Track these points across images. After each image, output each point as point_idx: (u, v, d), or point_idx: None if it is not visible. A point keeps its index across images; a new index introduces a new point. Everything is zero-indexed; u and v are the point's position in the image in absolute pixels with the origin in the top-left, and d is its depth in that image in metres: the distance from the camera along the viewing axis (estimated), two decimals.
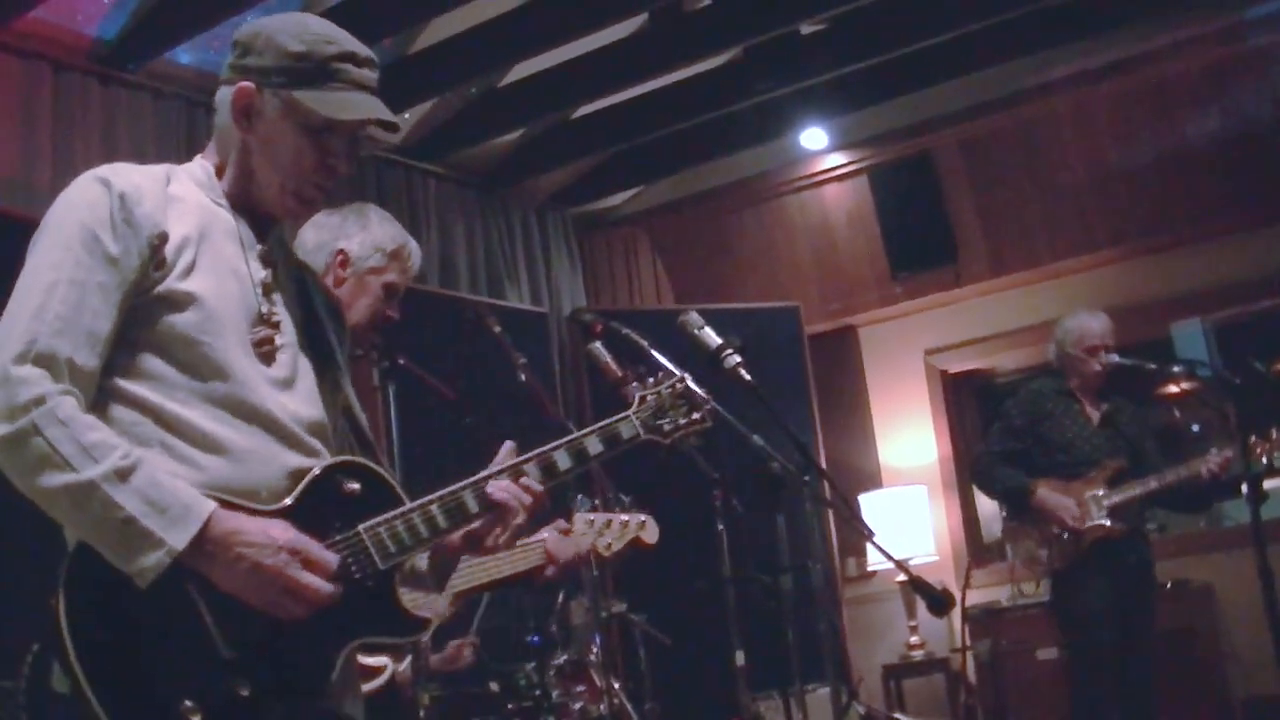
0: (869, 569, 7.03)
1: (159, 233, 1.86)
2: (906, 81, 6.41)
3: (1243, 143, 6.17)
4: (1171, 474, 4.88)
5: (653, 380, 2.25)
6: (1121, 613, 4.85)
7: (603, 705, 3.99)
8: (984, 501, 6.92)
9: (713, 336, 2.83)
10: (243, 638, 1.77)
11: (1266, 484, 4.68)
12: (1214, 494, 5.21)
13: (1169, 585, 5.73)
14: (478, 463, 2.08)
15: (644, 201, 7.75)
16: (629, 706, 4.09)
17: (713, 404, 2.29)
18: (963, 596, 5.99)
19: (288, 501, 1.87)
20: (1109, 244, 6.63)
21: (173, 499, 1.74)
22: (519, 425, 2.32)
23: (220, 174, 2.01)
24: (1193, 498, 5.06)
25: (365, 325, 2.92)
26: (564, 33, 5.66)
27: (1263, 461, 4.65)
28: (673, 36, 6.06)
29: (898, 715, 6.25)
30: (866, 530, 3.31)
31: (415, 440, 3.27)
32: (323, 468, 1.93)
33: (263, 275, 1.98)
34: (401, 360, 3.25)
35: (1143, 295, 6.56)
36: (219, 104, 2.00)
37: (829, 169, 7.17)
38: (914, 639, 6.72)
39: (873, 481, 7.21)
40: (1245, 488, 4.54)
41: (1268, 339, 6.48)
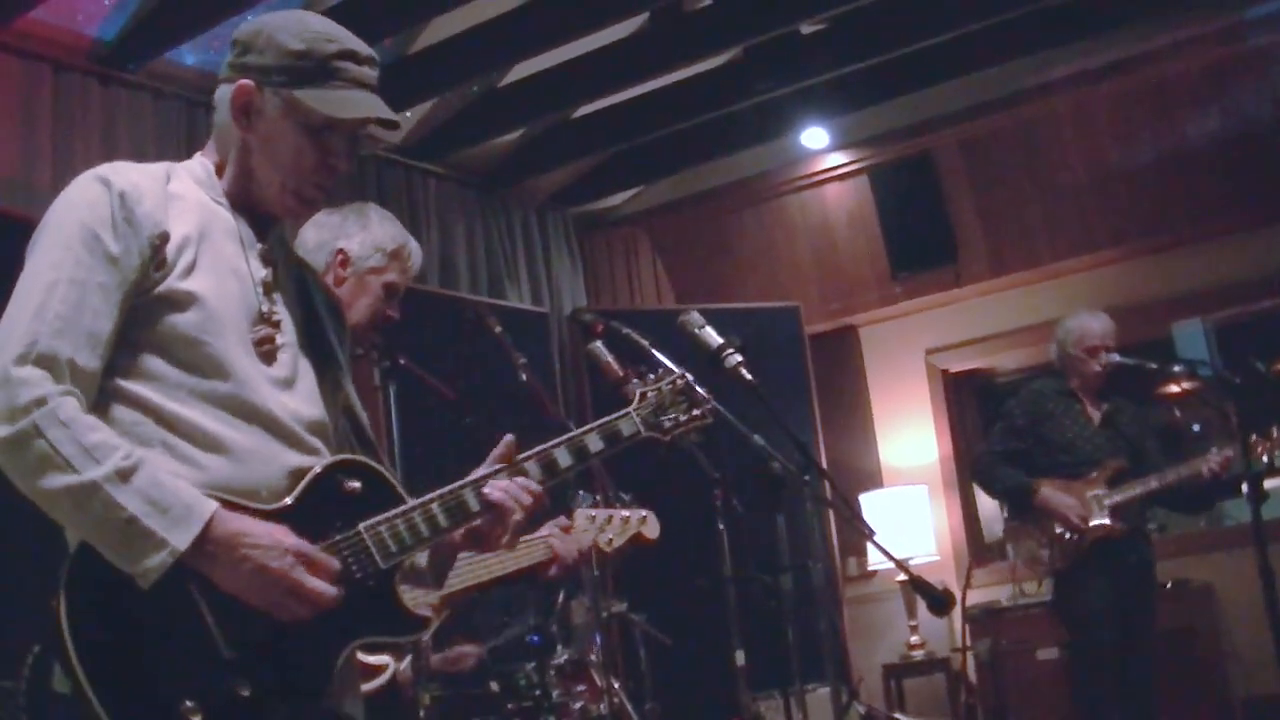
0: (869, 568, 7.03)
1: (160, 232, 1.85)
2: (907, 81, 6.41)
3: (1243, 143, 6.17)
4: (1172, 473, 4.89)
5: (653, 377, 2.25)
6: (1122, 612, 4.85)
7: (603, 705, 3.99)
8: (984, 501, 6.92)
9: (713, 336, 2.83)
10: (244, 638, 1.77)
11: (1267, 483, 4.68)
12: (1215, 493, 5.22)
13: (1169, 585, 5.73)
14: (478, 463, 2.08)
15: (644, 201, 7.75)
16: (629, 706, 4.09)
17: (713, 403, 2.28)
18: (963, 596, 6.00)
19: (288, 501, 1.86)
20: (1109, 244, 6.63)
21: (175, 499, 1.74)
22: (519, 425, 2.31)
23: (220, 172, 2.00)
24: (1194, 498, 5.07)
25: (365, 325, 2.92)
26: (564, 32, 5.65)
27: (1263, 461, 4.66)
28: (673, 36, 6.05)
29: (898, 715, 6.24)
30: (867, 530, 3.31)
31: (416, 440, 3.26)
32: (323, 466, 1.92)
33: (263, 274, 1.98)
34: (402, 360, 3.25)
35: (1143, 295, 6.56)
36: (218, 102, 1.99)
37: (829, 169, 7.17)
38: (914, 639, 6.71)
39: (873, 481, 7.21)
40: (1246, 487, 4.55)
41: (1268, 339, 6.48)
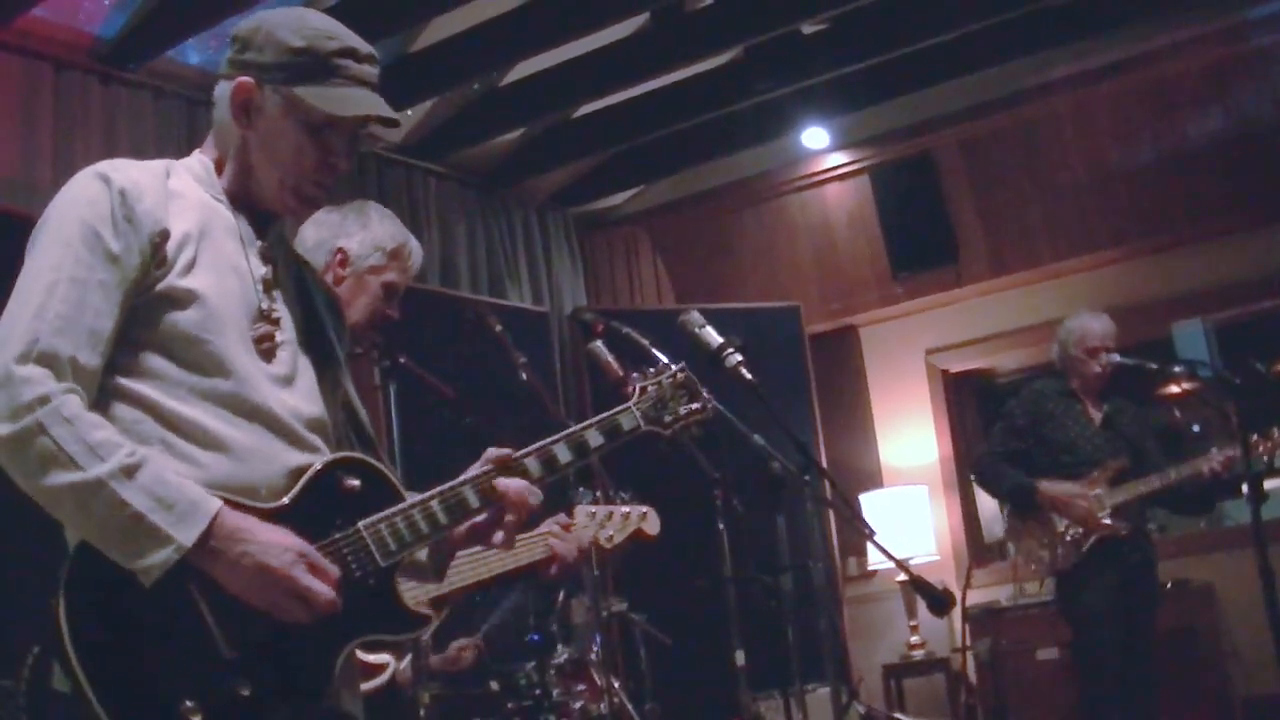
0: (870, 568, 7.03)
1: (160, 230, 1.85)
2: (907, 81, 6.41)
3: (1243, 143, 6.17)
4: (1174, 473, 4.89)
5: (653, 371, 2.24)
6: (1125, 612, 4.85)
7: (603, 704, 3.99)
8: (984, 501, 6.92)
9: (714, 336, 2.83)
10: (244, 638, 1.76)
11: (1267, 484, 4.68)
12: (1216, 494, 5.22)
13: (1169, 585, 5.72)
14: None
15: (645, 201, 7.75)
16: (629, 706, 4.09)
17: (714, 402, 2.28)
18: (963, 596, 5.99)
19: (285, 501, 1.86)
20: (1109, 244, 6.62)
21: (180, 496, 1.74)
22: (520, 425, 2.32)
23: (219, 169, 2.00)
24: (1195, 498, 5.07)
25: (365, 324, 2.90)
26: (565, 32, 5.65)
27: (1263, 461, 4.65)
28: (674, 36, 6.05)
29: (898, 715, 6.24)
30: (867, 529, 3.30)
31: (416, 439, 3.26)
32: (323, 464, 1.91)
33: (263, 272, 1.97)
34: (402, 359, 3.25)
35: (1143, 295, 6.55)
36: (218, 99, 1.99)
37: (830, 169, 7.18)
38: (914, 639, 6.71)
39: (873, 481, 7.21)
40: (1246, 487, 4.54)
41: (1268, 339, 6.48)
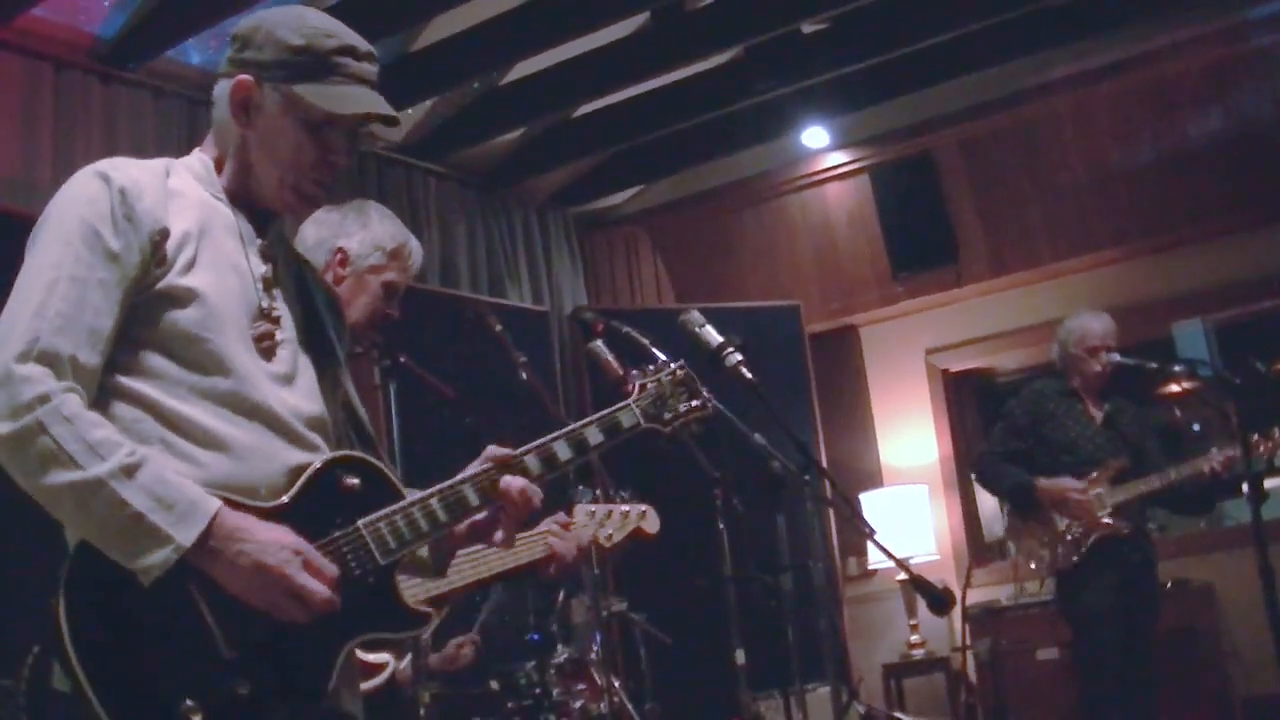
0: (870, 568, 7.03)
1: (160, 229, 1.85)
2: (907, 81, 6.41)
3: (1244, 143, 6.17)
4: (1174, 472, 4.89)
5: (652, 368, 2.24)
6: (1125, 611, 4.85)
7: (603, 704, 3.99)
8: (985, 500, 6.92)
9: (714, 335, 2.83)
10: (244, 637, 1.76)
11: (1267, 483, 4.68)
12: (1216, 494, 5.22)
13: (1169, 585, 5.72)
14: None
15: (645, 201, 7.75)
16: (629, 705, 4.09)
17: (714, 401, 2.28)
18: (963, 596, 5.99)
19: (284, 499, 1.86)
20: (1110, 244, 6.62)
21: (179, 495, 1.74)
22: (520, 424, 2.32)
23: (219, 168, 2.00)
24: (1195, 498, 5.07)
25: (365, 324, 2.90)
26: (565, 32, 5.65)
27: (1264, 461, 4.66)
28: (674, 36, 6.05)
29: (898, 714, 6.24)
30: (867, 529, 3.30)
31: (416, 439, 3.26)
32: (322, 462, 1.91)
33: (263, 270, 1.97)
34: (402, 359, 3.25)
35: (1143, 295, 6.55)
36: (217, 98, 1.99)
37: (830, 168, 7.18)
38: (914, 638, 6.71)
39: (873, 480, 7.21)
40: (1246, 487, 4.54)
41: (1268, 339, 6.48)
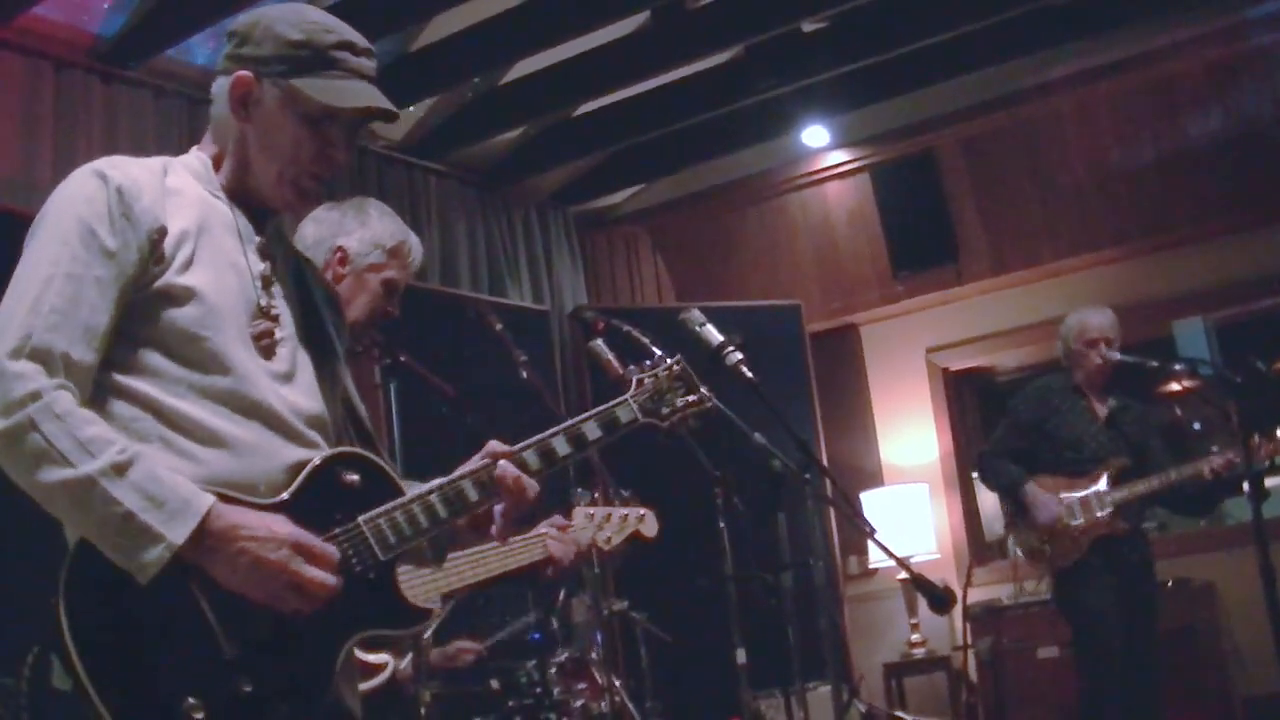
0: (870, 567, 7.03)
1: (158, 227, 1.85)
2: (908, 80, 6.41)
3: (1244, 142, 6.17)
4: (1175, 473, 4.90)
5: (650, 363, 2.25)
6: (1125, 611, 4.85)
7: (604, 703, 3.99)
8: (985, 499, 6.92)
9: (714, 334, 2.82)
10: (245, 635, 1.76)
11: (1268, 482, 4.68)
12: (1217, 495, 5.22)
13: (1170, 584, 5.73)
14: None
15: (645, 200, 7.75)
16: (630, 704, 4.09)
17: (713, 400, 2.28)
18: (964, 594, 5.99)
19: (284, 496, 1.86)
20: (1110, 243, 6.62)
21: (171, 493, 1.73)
22: (520, 423, 2.31)
23: (217, 165, 2.00)
24: (1196, 499, 5.08)
25: (365, 322, 2.89)
26: (565, 30, 5.65)
27: (1264, 460, 4.66)
28: (674, 34, 6.05)
29: (899, 713, 6.24)
30: (868, 528, 3.30)
31: (416, 438, 3.27)
32: (322, 459, 1.91)
33: (261, 268, 1.97)
34: (403, 358, 3.25)
35: (1144, 294, 6.55)
36: (216, 94, 1.99)
37: (830, 167, 7.18)
38: (915, 637, 6.71)
39: (874, 479, 7.21)
40: (1247, 486, 4.55)
41: (1269, 338, 6.48)
